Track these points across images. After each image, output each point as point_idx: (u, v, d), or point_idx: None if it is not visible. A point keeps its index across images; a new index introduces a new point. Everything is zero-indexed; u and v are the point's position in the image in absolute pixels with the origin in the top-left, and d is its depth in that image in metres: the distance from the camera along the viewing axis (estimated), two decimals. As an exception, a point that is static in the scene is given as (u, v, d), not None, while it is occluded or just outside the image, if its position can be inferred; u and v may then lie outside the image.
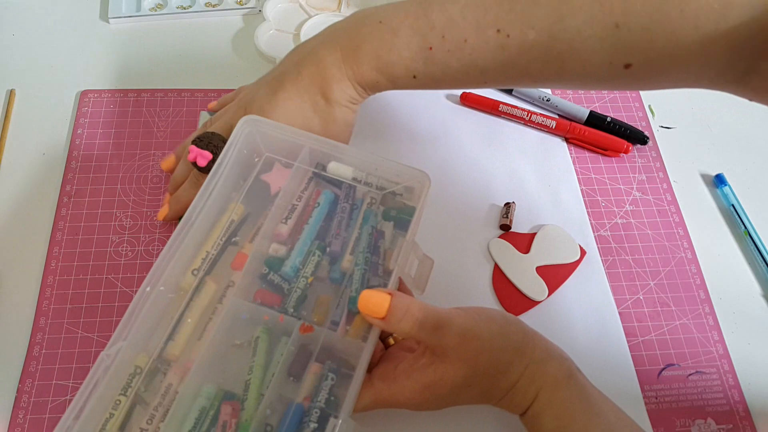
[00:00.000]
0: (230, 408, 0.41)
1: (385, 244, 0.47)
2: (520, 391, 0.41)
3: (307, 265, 0.46)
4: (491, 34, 0.45)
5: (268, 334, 0.44)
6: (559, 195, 0.60)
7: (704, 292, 0.56)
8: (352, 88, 0.50)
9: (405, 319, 0.39)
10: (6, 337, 0.50)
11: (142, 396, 0.42)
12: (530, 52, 0.45)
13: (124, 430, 0.41)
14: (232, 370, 0.43)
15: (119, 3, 0.70)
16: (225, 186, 0.48)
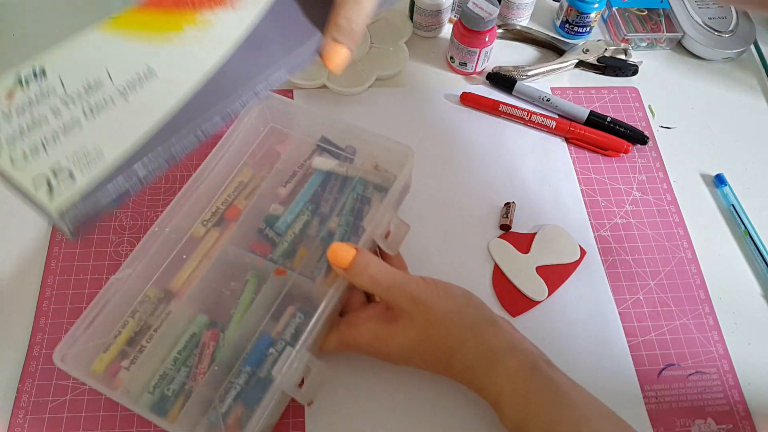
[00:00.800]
0: (210, 333, 0.47)
1: (369, 210, 0.53)
2: (479, 374, 0.42)
3: (296, 222, 0.52)
4: None
5: (257, 278, 0.50)
6: (559, 195, 0.60)
7: (704, 292, 0.56)
8: None
9: (362, 274, 0.43)
10: (6, 337, 0.50)
11: (147, 320, 0.49)
12: None
13: (130, 345, 0.48)
14: (223, 306, 0.49)
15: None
16: (238, 151, 0.55)
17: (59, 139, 0.35)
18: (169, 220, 0.50)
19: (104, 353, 0.47)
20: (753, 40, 0.71)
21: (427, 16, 0.68)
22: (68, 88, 0.37)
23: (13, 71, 0.36)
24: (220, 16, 0.41)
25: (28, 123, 0.35)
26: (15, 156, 0.34)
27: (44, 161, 0.34)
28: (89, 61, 0.38)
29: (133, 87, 0.37)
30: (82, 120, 0.36)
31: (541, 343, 0.52)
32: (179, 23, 0.40)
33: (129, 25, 0.40)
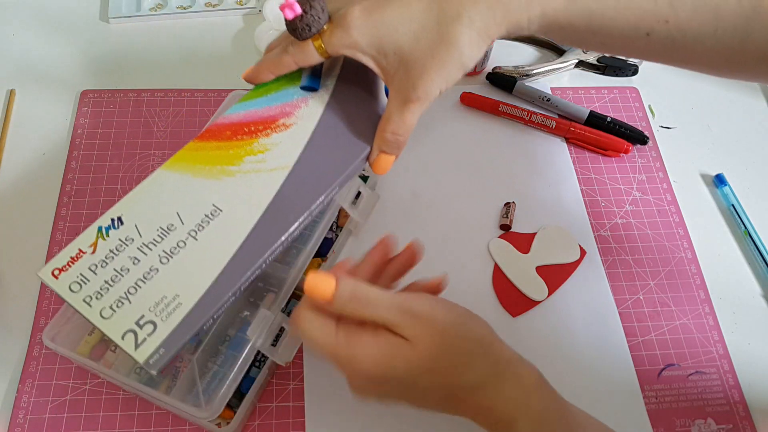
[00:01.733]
0: None
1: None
2: (489, 390, 0.37)
3: None
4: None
5: None
6: (559, 195, 0.60)
7: (704, 292, 0.56)
8: (493, 13, 0.40)
9: (351, 301, 0.37)
10: (6, 337, 0.50)
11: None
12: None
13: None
14: None
15: (119, 3, 0.70)
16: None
17: (140, 288, 0.38)
18: None
19: (89, 336, 0.48)
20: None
21: (427, 16, 0.68)
22: (144, 235, 0.40)
23: (96, 224, 0.40)
24: (276, 140, 0.43)
25: (112, 276, 0.39)
26: (104, 312, 0.38)
27: (129, 314, 0.38)
28: (161, 205, 0.41)
29: (202, 227, 0.40)
30: (159, 267, 0.39)
31: (541, 343, 0.52)
32: (240, 155, 0.43)
33: (194, 160, 0.43)
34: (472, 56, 0.41)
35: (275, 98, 0.45)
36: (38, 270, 0.39)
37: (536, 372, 0.39)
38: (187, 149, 0.43)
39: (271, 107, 0.45)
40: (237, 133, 0.44)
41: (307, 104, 0.45)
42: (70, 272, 0.39)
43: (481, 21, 0.40)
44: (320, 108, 0.45)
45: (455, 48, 0.40)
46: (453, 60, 0.40)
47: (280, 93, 0.45)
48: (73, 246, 0.39)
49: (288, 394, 0.49)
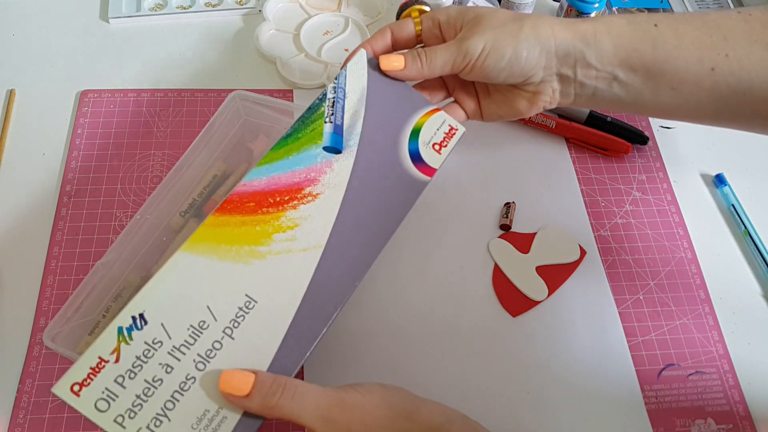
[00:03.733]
0: None
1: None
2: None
3: None
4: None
5: None
6: (559, 195, 0.60)
7: (704, 292, 0.56)
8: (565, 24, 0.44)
9: (271, 402, 0.34)
10: (6, 337, 0.50)
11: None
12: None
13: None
14: None
15: (119, 3, 0.70)
16: (213, 146, 0.57)
17: (178, 402, 0.34)
18: (152, 209, 0.52)
19: (89, 335, 0.48)
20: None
21: (427, 16, 0.68)
22: (174, 337, 0.35)
23: (114, 325, 0.35)
24: (304, 213, 0.40)
25: (143, 389, 0.34)
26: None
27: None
28: (188, 297, 0.36)
29: (237, 323, 0.36)
30: (195, 374, 0.35)
31: (541, 343, 0.52)
32: (268, 232, 0.39)
33: (217, 239, 0.38)
34: (528, 41, 0.43)
35: (298, 161, 0.42)
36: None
37: (469, 425, 0.38)
38: (208, 225, 0.38)
39: (295, 172, 0.41)
40: (261, 204, 0.40)
41: (332, 168, 0.42)
42: (93, 387, 0.33)
43: (550, 25, 0.44)
44: (346, 174, 0.42)
45: (519, 24, 0.43)
46: (511, 31, 0.43)
47: (302, 154, 0.42)
48: (91, 354, 0.34)
49: (288, 394, 0.49)
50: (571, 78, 0.45)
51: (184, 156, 0.54)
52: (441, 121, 0.47)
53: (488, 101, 0.50)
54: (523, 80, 0.45)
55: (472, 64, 0.44)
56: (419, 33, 0.48)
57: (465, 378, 0.50)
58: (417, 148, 0.46)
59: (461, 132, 0.48)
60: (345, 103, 0.44)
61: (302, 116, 0.43)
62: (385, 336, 0.51)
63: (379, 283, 0.54)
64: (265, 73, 0.67)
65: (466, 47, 0.44)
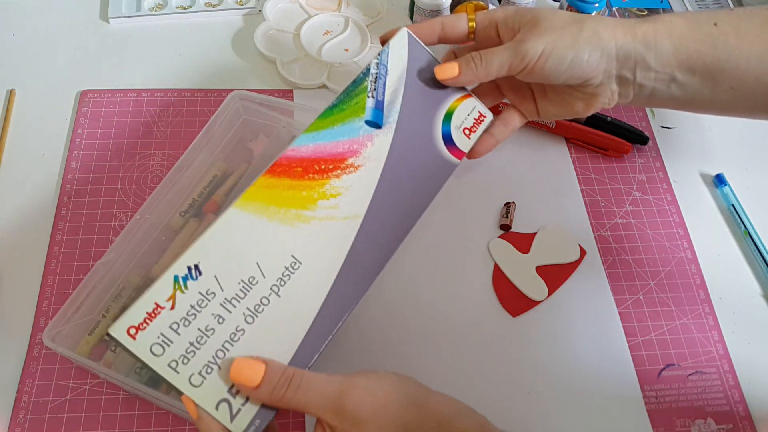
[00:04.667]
0: None
1: None
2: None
3: None
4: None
5: None
6: (559, 195, 0.60)
7: (704, 292, 0.56)
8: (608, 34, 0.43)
9: (280, 393, 0.35)
10: (6, 337, 0.50)
11: (130, 305, 0.48)
12: None
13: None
14: None
15: (119, 3, 0.70)
16: (213, 146, 0.57)
17: (228, 351, 0.36)
18: (152, 209, 0.52)
19: (89, 336, 0.48)
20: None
21: (427, 16, 0.68)
22: (226, 289, 0.37)
23: (170, 273, 0.36)
24: (346, 183, 0.42)
25: (197, 336, 0.35)
26: (194, 378, 0.35)
27: (221, 382, 0.35)
28: (240, 252, 0.38)
29: (284, 282, 0.38)
30: (245, 326, 0.36)
31: (541, 343, 0.52)
32: (313, 198, 0.41)
33: (267, 200, 0.40)
34: (590, 44, 0.43)
35: (342, 132, 0.44)
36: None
37: (476, 420, 0.37)
38: (258, 186, 0.40)
39: (339, 142, 0.43)
40: (308, 170, 0.42)
41: (372, 143, 0.44)
42: (148, 331, 0.34)
43: (610, 27, 0.43)
44: (385, 149, 0.44)
45: (579, 27, 0.43)
46: (572, 34, 0.43)
47: (346, 126, 0.44)
48: (147, 299, 0.35)
49: (288, 394, 0.49)
50: (630, 80, 0.44)
51: (184, 156, 0.54)
52: (472, 107, 0.49)
53: (545, 101, 0.49)
54: (582, 82, 0.45)
55: (531, 67, 0.43)
56: (472, 31, 0.47)
57: (464, 377, 0.50)
58: (449, 130, 0.47)
59: (489, 119, 0.49)
60: (386, 80, 0.46)
61: (347, 88, 0.45)
62: (384, 335, 0.51)
63: (378, 282, 0.54)
64: (265, 73, 0.67)
65: (524, 50, 0.43)
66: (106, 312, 0.49)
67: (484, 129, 0.49)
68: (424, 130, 0.46)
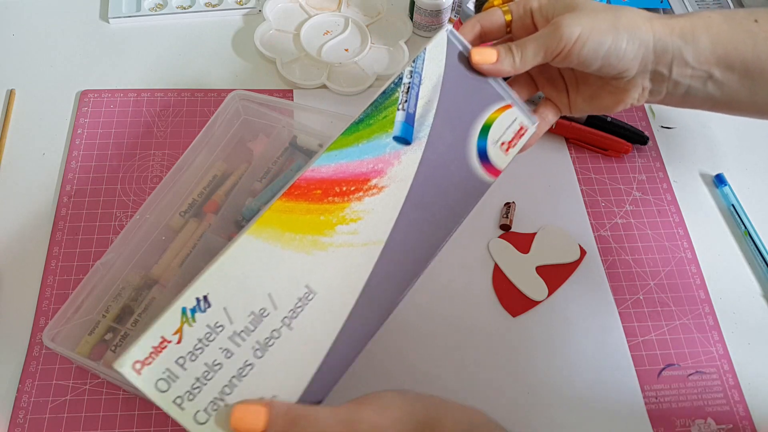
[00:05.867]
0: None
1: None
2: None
3: None
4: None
5: None
6: (559, 195, 0.60)
7: (704, 292, 0.56)
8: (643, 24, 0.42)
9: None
10: (6, 337, 0.50)
11: (131, 305, 0.50)
12: None
13: (114, 329, 0.49)
14: None
15: (119, 3, 0.70)
16: (213, 146, 0.58)
17: (236, 387, 0.34)
18: (152, 209, 0.52)
19: (89, 335, 0.48)
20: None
21: (427, 16, 0.68)
22: (235, 322, 0.35)
23: (178, 305, 0.34)
24: (368, 206, 0.39)
25: (203, 372, 0.34)
26: (199, 416, 0.34)
27: (228, 419, 0.34)
28: (250, 283, 0.36)
29: (296, 314, 0.36)
30: (253, 360, 0.35)
31: (541, 343, 0.52)
32: (330, 222, 0.38)
33: (283, 226, 0.37)
34: (628, 32, 0.41)
35: (367, 149, 0.40)
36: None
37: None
38: (274, 210, 0.37)
39: (363, 161, 0.40)
40: (328, 193, 0.39)
41: (399, 161, 0.41)
42: (154, 366, 0.33)
43: (647, 18, 0.42)
44: (413, 168, 0.41)
45: (616, 14, 0.42)
46: (609, 20, 0.41)
47: (371, 143, 0.40)
48: (154, 333, 0.33)
49: (288, 394, 0.49)
50: (665, 76, 0.43)
51: (184, 156, 0.54)
52: (512, 118, 0.44)
53: (576, 96, 0.47)
54: (617, 74, 0.43)
55: (568, 50, 0.41)
56: (509, 21, 0.45)
57: (465, 377, 0.50)
58: (485, 145, 0.43)
59: (531, 131, 0.45)
60: (420, 90, 0.42)
61: (375, 100, 0.41)
62: (384, 335, 0.51)
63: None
64: (265, 73, 0.67)
65: (561, 32, 0.41)
66: (106, 312, 0.49)
67: (524, 143, 0.45)
68: (458, 145, 0.42)
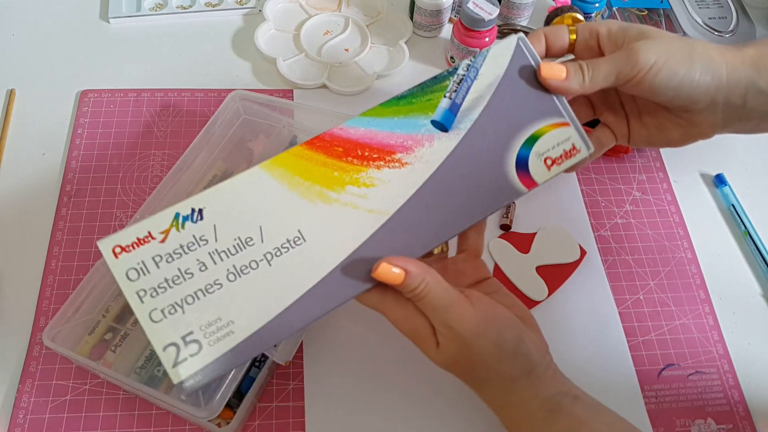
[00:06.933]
0: None
1: None
2: (503, 408, 0.42)
3: None
4: None
5: None
6: (559, 195, 0.60)
7: (704, 292, 0.56)
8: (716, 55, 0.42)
9: (411, 293, 0.38)
10: (6, 337, 0.50)
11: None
12: None
13: (114, 329, 0.49)
14: None
15: (119, 3, 0.70)
16: (213, 146, 0.57)
17: (198, 300, 0.35)
18: (152, 209, 0.52)
19: (89, 335, 0.48)
20: (753, 39, 0.71)
21: (427, 16, 0.68)
22: (220, 240, 0.36)
23: (174, 209, 0.36)
24: (386, 177, 0.39)
25: (174, 275, 0.35)
26: (154, 314, 0.35)
27: (178, 326, 0.35)
28: (247, 210, 0.37)
29: (280, 253, 0.37)
30: (224, 282, 0.36)
31: (541, 343, 0.52)
32: (343, 180, 0.38)
33: (295, 169, 0.38)
34: (702, 64, 0.41)
35: (401, 124, 0.40)
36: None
37: (551, 403, 0.40)
38: (292, 153, 0.38)
39: (393, 134, 0.40)
40: (349, 153, 0.39)
41: (431, 144, 0.40)
42: (132, 255, 0.35)
43: (719, 50, 0.42)
44: (443, 154, 0.40)
45: (691, 44, 0.42)
46: (683, 50, 0.41)
47: (408, 119, 0.40)
48: (143, 225, 0.35)
49: (288, 394, 0.49)
50: (739, 106, 0.42)
51: (184, 156, 0.54)
52: (566, 137, 0.42)
53: (638, 125, 0.46)
54: (686, 105, 0.42)
55: (641, 77, 0.40)
56: (573, 42, 0.45)
57: (465, 378, 0.50)
58: (527, 155, 0.41)
59: (584, 155, 0.42)
60: (473, 84, 0.41)
61: (424, 82, 0.41)
62: (384, 334, 0.51)
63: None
64: (265, 73, 0.67)
65: (636, 58, 0.40)
66: (106, 312, 0.49)
67: (572, 164, 0.42)
68: (497, 147, 0.41)
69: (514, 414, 0.41)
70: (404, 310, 0.39)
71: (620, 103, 0.47)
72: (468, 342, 0.38)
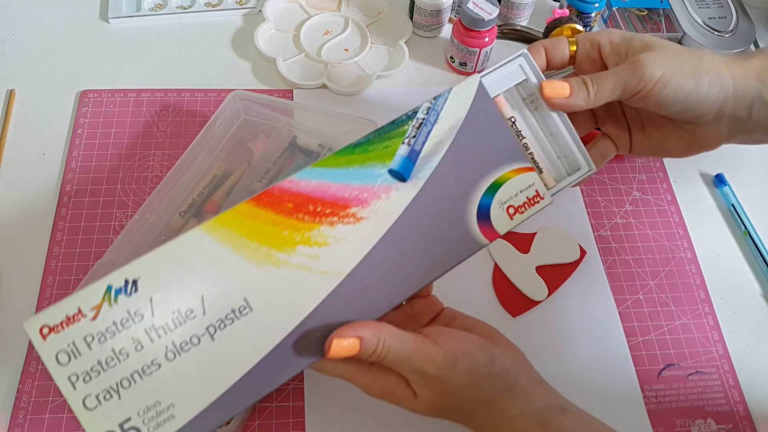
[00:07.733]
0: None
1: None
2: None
3: None
4: None
5: None
6: (559, 195, 0.60)
7: (704, 292, 0.56)
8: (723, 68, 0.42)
9: (373, 357, 0.36)
10: (6, 337, 0.50)
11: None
12: None
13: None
14: None
15: (119, 3, 0.70)
16: (213, 146, 0.57)
17: (134, 383, 0.33)
18: (152, 209, 0.52)
19: None
20: (753, 39, 0.71)
21: (427, 16, 0.68)
22: (156, 315, 0.33)
23: (105, 281, 0.33)
24: (339, 234, 0.37)
25: (107, 357, 0.33)
26: (88, 401, 0.32)
27: (115, 412, 0.32)
28: (187, 278, 0.34)
29: (224, 325, 0.34)
30: (162, 362, 0.33)
31: (541, 343, 0.52)
32: (293, 239, 0.36)
33: (241, 229, 0.35)
34: (710, 77, 0.41)
35: (356, 175, 0.37)
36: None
37: (539, 417, 0.39)
38: (237, 211, 0.35)
39: (348, 186, 0.37)
40: (300, 208, 0.36)
41: (388, 196, 0.37)
42: (61, 336, 0.32)
43: (725, 62, 0.42)
44: (401, 207, 0.38)
45: (698, 57, 0.41)
46: (691, 63, 0.41)
47: (364, 169, 0.37)
48: (72, 301, 0.32)
49: (288, 394, 0.49)
50: (744, 118, 0.42)
51: (184, 156, 0.54)
52: (529, 183, 0.40)
53: (641, 137, 0.46)
54: (693, 118, 0.42)
55: (647, 91, 0.40)
56: (573, 54, 0.44)
57: (465, 378, 0.50)
58: (489, 205, 0.40)
59: (546, 203, 0.41)
60: (433, 129, 0.39)
61: (381, 128, 0.39)
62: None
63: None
64: (265, 73, 0.67)
65: (642, 71, 0.40)
66: None
67: (535, 213, 0.41)
68: (458, 196, 0.39)
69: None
70: (371, 375, 0.38)
71: (623, 113, 0.47)
72: (442, 380, 0.37)
